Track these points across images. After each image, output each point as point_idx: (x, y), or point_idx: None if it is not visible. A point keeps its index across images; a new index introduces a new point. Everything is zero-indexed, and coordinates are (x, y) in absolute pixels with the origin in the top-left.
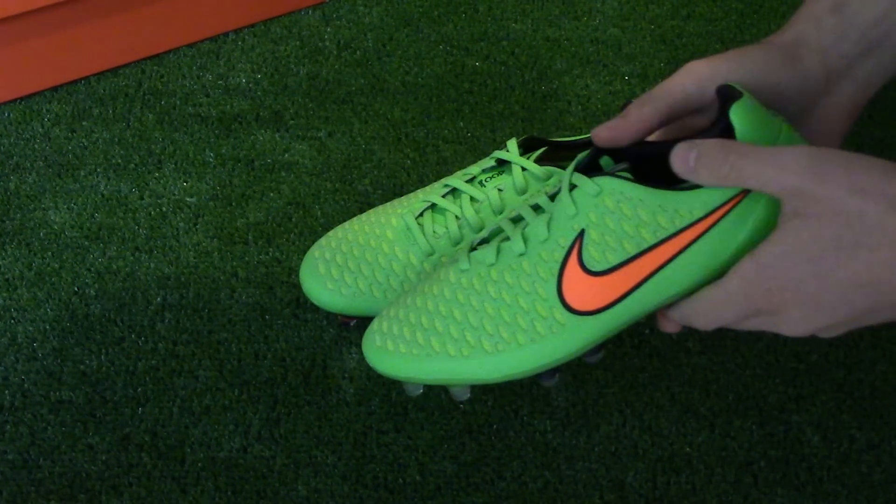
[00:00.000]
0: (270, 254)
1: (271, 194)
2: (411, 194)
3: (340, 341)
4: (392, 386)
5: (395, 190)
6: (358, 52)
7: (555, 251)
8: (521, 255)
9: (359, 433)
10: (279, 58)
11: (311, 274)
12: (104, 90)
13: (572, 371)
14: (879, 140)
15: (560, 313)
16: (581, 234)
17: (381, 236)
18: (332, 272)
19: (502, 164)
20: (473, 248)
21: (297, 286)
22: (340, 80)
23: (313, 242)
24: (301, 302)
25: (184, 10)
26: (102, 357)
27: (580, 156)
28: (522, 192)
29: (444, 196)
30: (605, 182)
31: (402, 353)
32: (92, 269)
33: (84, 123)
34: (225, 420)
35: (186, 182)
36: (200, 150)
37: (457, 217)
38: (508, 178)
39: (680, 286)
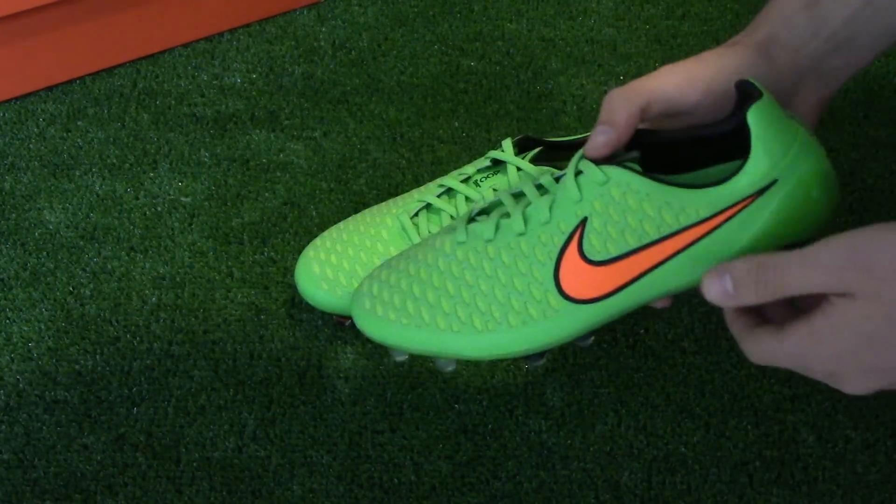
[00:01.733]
0: (265, 254)
1: (266, 194)
2: (406, 194)
3: (336, 341)
4: (387, 386)
5: (391, 190)
6: (353, 52)
7: (555, 236)
8: (521, 234)
9: (354, 433)
10: (274, 58)
11: (306, 274)
12: (99, 90)
13: (567, 371)
14: (875, 140)
15: (554, 298)
16: (583, 221)
17: (375, 236)
18: (327, 272)
19: (497, 164)
20: (472, 219)
21: (293, 286)
22: (335, 80)
23: (308, 242)
24: (296, 302)
25: (179, 10)
26: (97, 357)
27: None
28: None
29: (439, 196)
30: (613, 172)
31: (392, 320)
32: (87, 268)
33: (79, 123)
34: (220, 420)
35: (181, 182)
36: (195, 149)
37: (452, 217)
38: (504, 178)
39: (678, 283)
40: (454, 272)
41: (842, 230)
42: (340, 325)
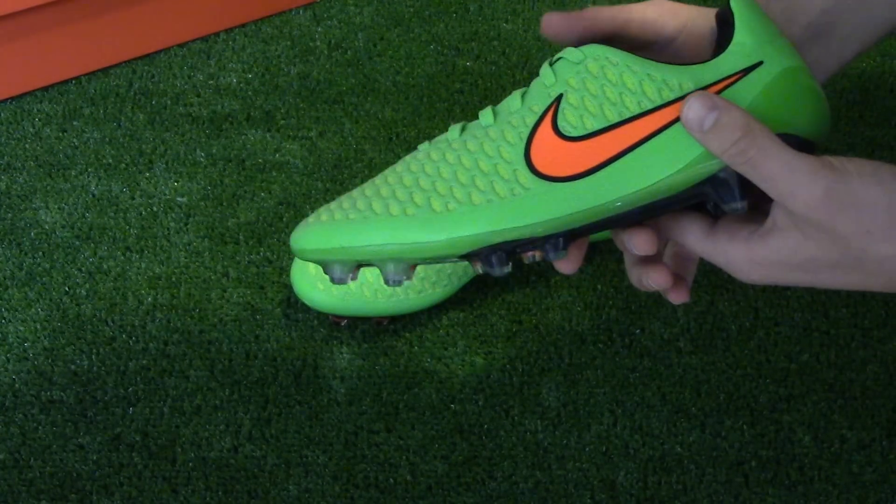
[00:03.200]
0: (261, 254)
1: (262, 194)
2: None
3: (331, 341)
4: (383, 386)
5: None
6: (349, 52)
7: (526, 117)
8: (489, 126)
9: (350, 433)
10: (270, 58)
11: (302, 274)
12: (95, 90)
13: (563, 371)
14: (870, 139)
15: (525, 176)
16: (558, 99)
17: None
18: (323, 272)
19: None
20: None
21: (288, 286)
22: (331, 80)
23: None
24: (292, 302)
25: (174, 10)
26: (93, 357)
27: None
28: None
29: None
30: (590, 49)
31: (337, 220)
32: (83, 268)
33: (75, 123)
34: (216, 420)
35: (177, 182)
36: (191, 150)
37: None
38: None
39: (662, 169)
40: (412, 168)
41: None
42: (336, 325)
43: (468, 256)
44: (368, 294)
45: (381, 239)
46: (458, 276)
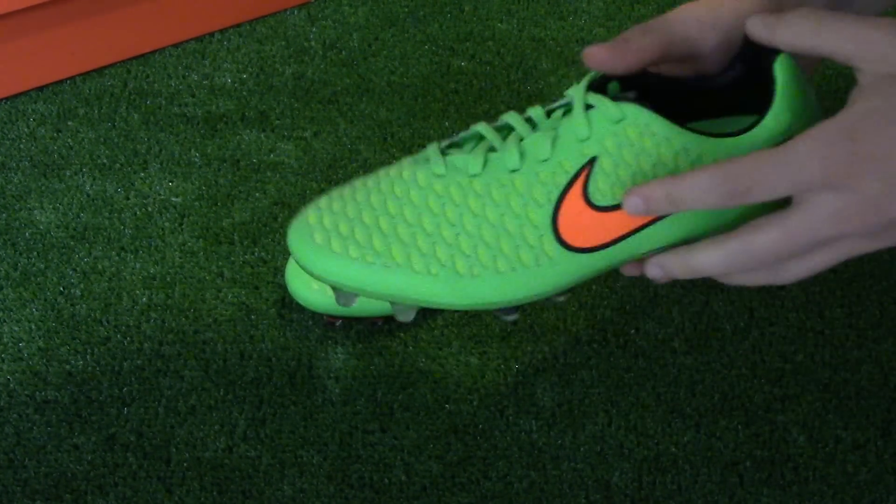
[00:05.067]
0: (256, 254)
1: (257, 194)
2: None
3: (326, 341)
4: (378, 386)
5: None
6: (343, 52)
7: (557, 174)
8: (515, 171)
9: (344, 433)
10: (264, 58)
11: (296, 274)
12: (90, 90)
13: (558, 371)
14: None
15: (550, 245)
16: (592, 161)
17: None
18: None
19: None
20: (445, 149)
21: (283, 286)
22: (326, 80)
23: None
24: (287, 302)
25: (169, 10)
26: (88, 357)
27: (592, 74)
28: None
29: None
30: (630, 110)
31: (353, 257)
32: (77, 268)
33: (69, 123)
34: (210, 420)
35: (172, 182)
36: (186, 150)
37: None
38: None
39: (678, 235)
40: (432, 207)
41: None
42: (331, 326)
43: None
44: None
45: (401, 291)
46: None
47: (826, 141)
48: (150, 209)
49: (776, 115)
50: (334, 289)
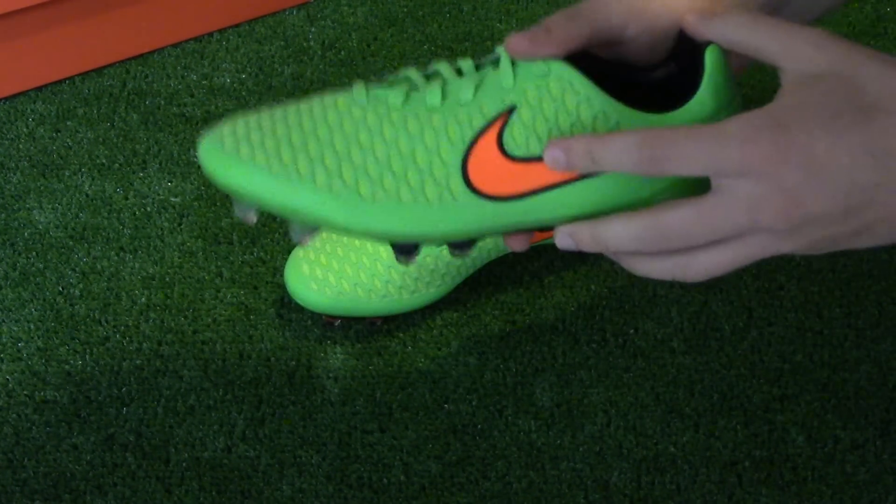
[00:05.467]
0: (255, 254)
1: None
2: None
3: (325, 341)
4: (377, 386)
5: None
6: (342, 52)
7: (474, 117)
8: (434, 109)
9: (343, 433)
10: (264, 58)
11: (296, 273)
12: (89, 90)
13: (557, 371)
14: None
15: (457, 184)
16: (511, 110)
17: None
18: (316, 272)
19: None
20: (371, 85)
21: (282, 286)
22: (325, 80)
23: None
24: (286, 302)
25: (168, 11)
26: (87, 357)
27: None
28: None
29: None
30: (556, 66)
31: (257, 163)
32: (76, 268)
33: (68, 123)
34: (209, 420)
35: (171, 182)
36: (185, 150)
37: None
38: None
39: (597, 202)
40: (346, 129)
41: None
42: (330, 326)
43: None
44: (362, 294)
45: (299, 206)
46: (451, 277)
47: (751, 126)
48: (148, 209)
49: (701, 100)
50: (234, 201)
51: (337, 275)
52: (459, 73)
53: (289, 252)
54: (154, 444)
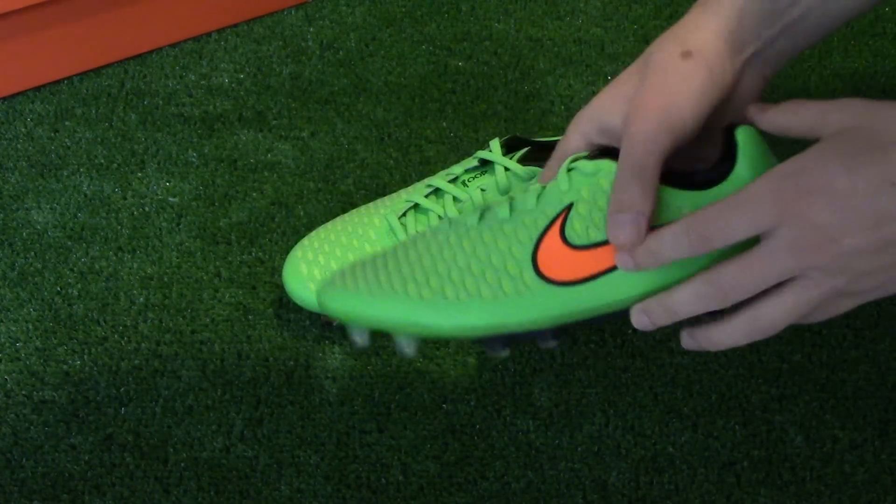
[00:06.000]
0: (253, 254)
1: (254, 194)
2: (394, 194)
3: (323, 341)
4: (375, 386)
5: (378, 190)
6: (341, 52)
7: (538, 219)
8: (505, 220)
9: (342, 433)
10: (262, 58)
11: (294, 273)
12: (87, 90)
13: (555, 371)
14: None
15: (529, 276)
16: (569, 206)
17: (363, 236)
18: (314, 272)
19: (485, 164)
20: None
21: (280, 286)
22: (323, 80)
23: (296, 242)
24: (284, 302)
25: (166, 10)
26: (85, 357)
27: (578, 154)
28: (505, 191)
29: (426, 196)
30: (604, 164)
31: (359, 289)
32: (75, 268)
33: (67, 123)
34: (208, 420)
35: (169, 182)
36: (183, 150)
37: (439, 217)
38: (491, 178)
39: (654, 281)
40: (431, 249)
41: None
42: (328, 326)
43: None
44: None
45: (395, 316)
46: None
47: (776, 179)
48: (147, 209)
49: (739, 172)
50: (347, 329)
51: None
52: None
53: (287, 252)
54: (152, 444)
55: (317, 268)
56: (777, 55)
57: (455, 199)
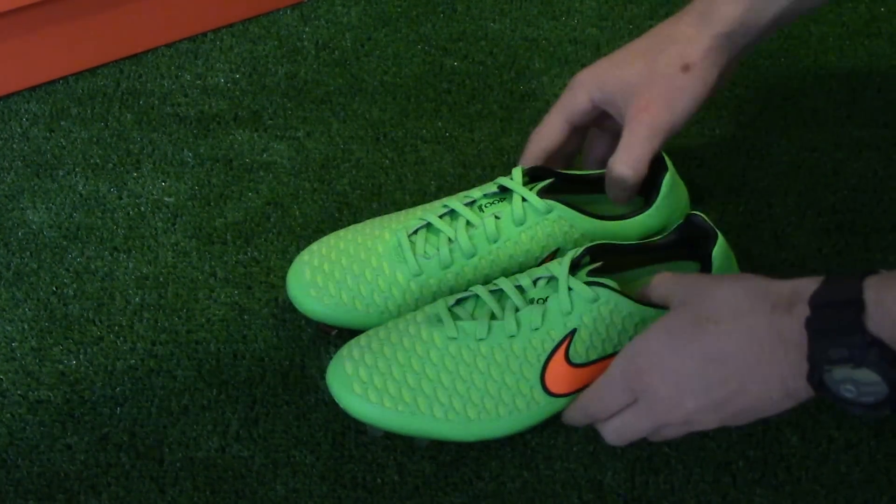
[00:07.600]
0: (249, 254)
1: (249, 194)
2: (409, 210)
3: (318, 341)
4: None
5: (374, 190)
6: (336, 52)
7: (545, 341)
8: (512, 336)
9: (337, 433)
10: (257, 58)
11: (297, 278)
12: (82, 90)
13: None
14: (858, 140)
15: (539, 394)
16: (573, 332)
17: (371, 249)
18: (318, 279)
19: (504, 192)
20: (452, 310)
21: (276, 286)
22: (319, 80)
23: (291, 242)
24: (280, 302)
25: (162, 10)
26: (81, 357)
27: (572, 253)
28: (520, 223)
29: (441, 217)
30: (603, 292)
31: (387, 407)
32: (70, 268)
33: (62, 123)
34: (203, 420)
35: (165, 182)
36: (179, 149)
37: (449, 240)
38: (507, 207)
39: None
40: (448, 366)
41: (827, 231)
42: (325, 334)
43: None
44: (360, 307)
45: (424, 431)
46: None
47: (624, 360)
48: (142, 209)
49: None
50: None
51: (337, 285)
52: (521, 290)
53: (283, 252)
54: (148, 444)
55: (320, 275)
56: (749, 49)
57: (468, 223)
